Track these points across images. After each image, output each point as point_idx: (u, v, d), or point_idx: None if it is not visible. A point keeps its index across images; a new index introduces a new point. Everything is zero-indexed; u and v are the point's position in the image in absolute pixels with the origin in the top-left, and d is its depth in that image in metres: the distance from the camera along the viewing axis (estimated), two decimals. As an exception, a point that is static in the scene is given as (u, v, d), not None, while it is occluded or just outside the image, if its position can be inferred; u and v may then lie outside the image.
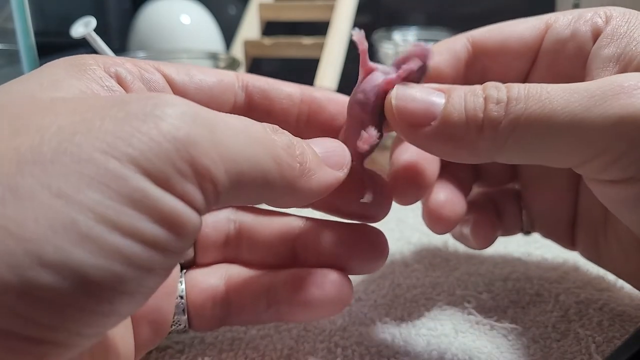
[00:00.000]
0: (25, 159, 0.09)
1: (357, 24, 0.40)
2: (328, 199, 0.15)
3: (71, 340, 0.10)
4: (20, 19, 0.27)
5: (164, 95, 0.11)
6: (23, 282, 0.09)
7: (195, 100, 0.14)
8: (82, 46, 0.45)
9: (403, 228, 0.27)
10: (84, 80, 0.12)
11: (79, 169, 0.09)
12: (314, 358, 0.17)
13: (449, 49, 0.18)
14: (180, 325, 0.16)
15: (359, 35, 0.15)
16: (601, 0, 0.29)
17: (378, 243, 0.17)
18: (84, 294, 0.09)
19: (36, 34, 0.27)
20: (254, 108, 0.17)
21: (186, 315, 0.16)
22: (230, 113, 0.15)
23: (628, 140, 0.12)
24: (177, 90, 0.15)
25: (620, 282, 0.22)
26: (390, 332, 0.19)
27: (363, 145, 0.15)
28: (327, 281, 0.16)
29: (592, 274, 0.22)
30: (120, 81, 0.14)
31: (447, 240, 0.25)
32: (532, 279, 0.22)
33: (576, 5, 0.31)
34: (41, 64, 0.30)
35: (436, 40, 0.39)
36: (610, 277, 0.22)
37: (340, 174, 0.15)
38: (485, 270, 0.23)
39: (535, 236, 0.25)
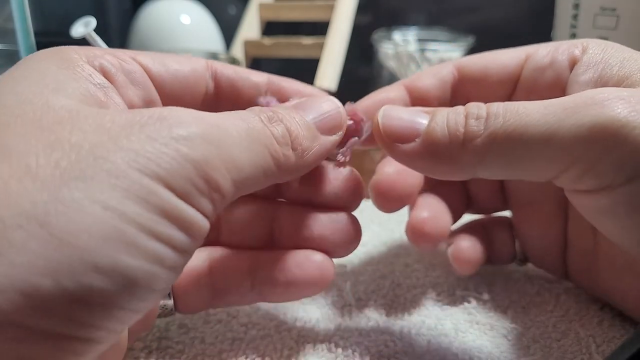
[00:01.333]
0: (68, 174, 0.10)
1: (357, 23, 0.40)
2: (302, 194, 0.17)
3: (107, 337, 0.11)
4: (20, 19, 0.27)
5: (174, 113, 0.12)
6: (79, 288, 0.10)
7: (172, 90, 0.16)
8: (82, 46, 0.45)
9: (403, 228, 0.27)
10: (79, 81, 0.13)
11: (118, 183, 0.10)
12: (314, 358, 0.17)
13: (435, 74, 0.19)
14: (167, 309, 0.17)
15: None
16: (601, 1, 0.29)
17: (352, 228, 0.17)
18: (128, 294, 0.10)
19: (36, 34, 0.27)
20: (222, 96, 0.17)
21: (172, 299, 0.17)
22: (203, 101, 0.16)
23: (600, 147, 0.13)
24: (154, 79, 0.16)
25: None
26: (390, 332, 0.19)
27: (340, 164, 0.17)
28: (309, 262, 0.16)
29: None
30: (105, 74, 0.14)
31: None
32: (533, 279, 0.22)
33: (576, 6, 0.31)
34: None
35: (436, 40, 0.39)
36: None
37: (336, 137, 0.16)
38: (485, 270, 0.23)
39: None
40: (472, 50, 0.39)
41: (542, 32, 0.41)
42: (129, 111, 0.12)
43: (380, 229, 0.26)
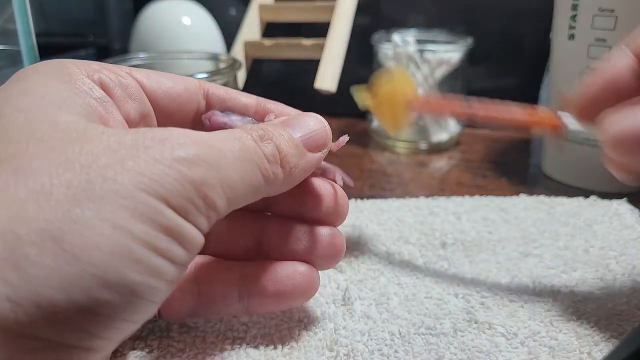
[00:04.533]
0: (80, 194, 0.11)
1: (356, 25, 0.40)
2: (289, 208, 0.18)
3: (107, 347, 0.12)
4: (21, 20, 0.27)
5: (174, 134, 0.12)
6: (89, 301, 0.10)
7: (164, 107, 0.17)
8: (83, 47, 0.46)
9: (402, 228, 0.27)
10: (81, 96, 0.14)
11: (125, 203, 0.11)
12: (314, 357, 0.17)
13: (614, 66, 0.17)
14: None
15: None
16: (599, 2, 0.29)
17: (336, 244, 0.18)
18: (131, 306, 0.11)
19: (37, 35, 0.28)
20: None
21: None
22: (194, 120, 0.17)
23: None
24: (149, 95, 0.16)
25: (619, 282, 0.22)
26: (390, 331, 0.19)
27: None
28: (297, 273, 0.17)
29: (591, 273, 0.22)
30: (104, 88, 0.15)
31: (447, 240, 0.25)
32: (531, 278, 0.22)
33: (574, 7, 0.31)
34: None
35: (435, 42, 0.39)
36: (609, 276, 0.22)
37: (321, 155, 0.16)
38: (484, 269, 0.23)
39: (535, 235, 0.26)
40: (471, 52, 0.39)
41: (540, 33, 0.42)
42: (132, 131, 0.12)
43: (380, 229, 0.27)
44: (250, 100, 0.18)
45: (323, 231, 0.18)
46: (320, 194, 0.18)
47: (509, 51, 0.43)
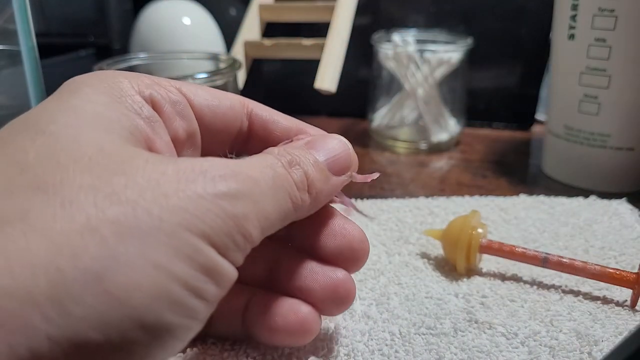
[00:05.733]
0: (125, 231, 0.10)
1: (356, 25, 0.40)
2: (307, 240, 0.17)
3: None
4: (21, 20, 0.27)
5: (214, 165, 0.12)
6: (124, 342, 0.10)
7: (210, 125, 0.16)
8: (83, 47, 0.46)
9: (402, 228, 0.27)
10: (129, 117, 0.13)
11: (168, 242, 0.11)
12: (314, 357, 0.17)
13: None
14: None
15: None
16: (599, 2, 0.29)
17: (343, 289, 0.16)
18: (161, 345, 0.11)
19: (38, 35, 0.28)
20: (253, 136, 0.18)
21: None
22: (235, 139, 0.17)
23: None
24: (196, 113, 0.16)
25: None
26: (390, 331, 0.19)
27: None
28: (292, 312, 0.16)
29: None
30: (154, 105, 0.15)
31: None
32: (532, 278, 0.22)
33: (574, 7, 0.31)
34: (43, 65, 0.30)
35: (435, 42, 0.39)
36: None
37: (345, 178, 0.16)
38: (484, 269, 0.23)
39: (535, 235, 0.26)
40: (471, 52, 0.39)
41: (540, 33, 0.42)
42: (173, 162, 0.12)
43: (379, 229, 0.27)
44: (291, 124, 0.18)
45: (332, 273, 0.16)
46: (339, 232, 0.17)
47: (509, 51, 0.43)
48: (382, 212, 0.28)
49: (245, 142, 0.18)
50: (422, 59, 0.38)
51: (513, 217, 0.28)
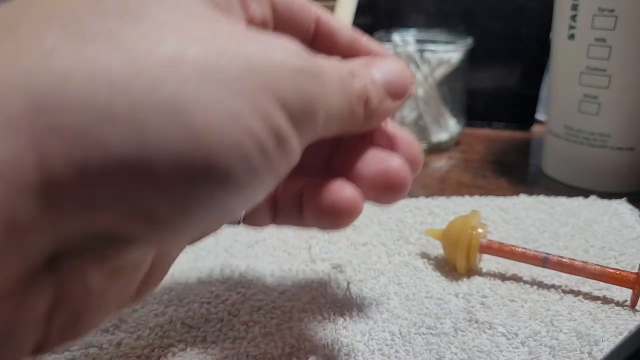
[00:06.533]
0: (207, 75, 0.10)
1: (356, 25, 0.40)
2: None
3: (184, 227, 0.11)
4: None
5: (292, 46, 0.12)
6: (192, 181, 0.10)
7: (282, 17, 0.16)
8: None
9: (402, 228, 0.27)
10: None
11: (247, 97, 0.11)
12: (314, 356, 0.18)
13: None
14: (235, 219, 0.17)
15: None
16: (599, 1, 0.29)
17: (398, 179, 0.16)
18: (224, 192, 0.11)
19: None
20: (317, 41, 0.17)
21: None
22: (302, 39, 0.16)
23: None
24: (272, 2, 0.16)
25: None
26: (391, 331, 0.19)
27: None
28: (338, 192, 0.15)
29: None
30: None
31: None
32: (532, 277, 0.22)
33: (574, 7, 0.31)
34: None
35: (435, 41, 0.39)
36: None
37: (400, 103, 0.16)
38: (484, 269, 0.23)
39: (535, 235, 0.26)
40: (471, 52, 0.39)
41: (540, 33, 0.42)
42: (255, 30, 0.12)
43: (379, 229, 0.27)
44: (356, 36, 0.17)
45: (387, 159, 0.16)
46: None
47: (509, 51, 0.43)
48: (382, 212, 0.28)
49: (309, 47, 0.17)
50: (422, 58, 0.38)
51: (513, 217, 0.28)
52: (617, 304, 0.20)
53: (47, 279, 0.10)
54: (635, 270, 0.21)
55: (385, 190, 0.16)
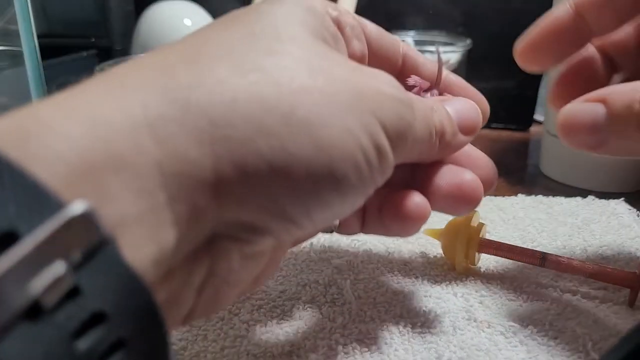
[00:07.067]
0: (330, 98, 0.13)
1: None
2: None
3: (305, 224, 0.13)
4: (23, 21, 0.27)
5: (390, 78, 0.15)
6: (317, 185, 0.12)
7: (376, 53, 0.18)
8: (85, 49, 0.46)
9: (402, 228, 0.27)
10: (320, 29, 0.15)
11: (358, 117, 0.13)
12: (315, 355, 0.18)
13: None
14: (330, 227, 0.18)
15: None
16: None
17: (471, 191, 0.17)
18: (339, 195, 0.13)
19: (39, 35, 0.28)
20: (404, 75, 0.19)
21: (337, 220, 0.18)
22: (393, 71, 0.18)
23: None
24: (367, 39, 0.18)
25: (616, 281, 0.22)
26: (390, 330, 0.19)
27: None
28: (407, 202, 0.17)
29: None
30: (338, 26, 0.16)
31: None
32: (529, 278, 0.22)
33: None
34: (44, 66, 0.31)
35: (434, 43, 0.40)
36: (607, 275, 0.22)
37: (470, 138, 0.18)
38: (483, 268, 0.23)
39: (533, 235, 0.26)
40: (469, 53, 0.40)
41: (539, 34, 0.42)
42: (359, 64, 0.14)
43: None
44: (434, 68, 0.19)
45: (460, 173, 0.17)
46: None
47: (507, 52, 0.43)
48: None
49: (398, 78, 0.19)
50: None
51: (512, 216, 0.28)
52: (615, 303, 0.21)
53: (205, 255, 0.12)
54: (633, 270, 0.21)
55: (459, 201, 0.17)
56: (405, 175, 0.18)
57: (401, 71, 0.19)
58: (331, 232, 0.18)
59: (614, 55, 0.21)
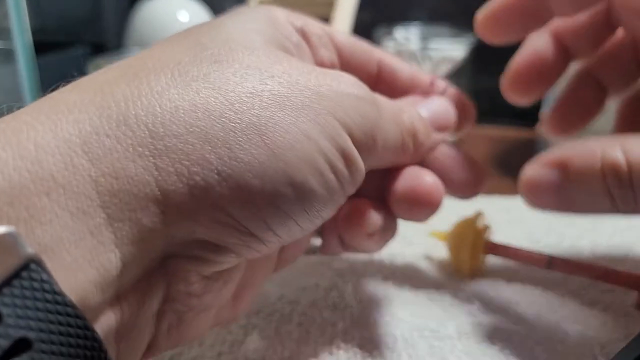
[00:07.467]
0: (283, 102, 0.12)
1: (357, 20, 0.40)
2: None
3: (272, 244, 0.13)
4: (16, 17, 0.27)
5: (353, 79, 0.14)
6: (275, 194, 0.12)
7: (348, 61, 0.18)
8: (78, 44, 0.45)
9: (405, 229, 0.26)
10: (279, 38, 0.15)
11: (316, 120, 0.12)
12: (314, 361, 0.17)
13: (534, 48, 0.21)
14: (313, 247, 0.18)
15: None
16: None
17: (425, 194, 0.17)
18: (303, 210, 0.12)
19: (33, 32, 0.27)
20: (381, 82, 0.19)
21: (321, 239, 0.18)
22: (369, 79, 0.18)
23: None
24: (337, 48, 0.18)
25: (626, 283, 0.21)
26: (392, 334, 0.19)
27: None
28: (356, 210, 0.17)
29: (597, 274, 0.22)
30: (303, 36, 0.16)
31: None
32: (535, 281, 0.22)
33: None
34: (38, 63, 0.30)
35: (438, 37, 0.39)
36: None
37: (445, 136, 0.17)
38: (489, 271, 0.23)
39: (539, 236, 0.25)
40: (475, 48, 0.39)
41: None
42: (320, 67, 0.14)
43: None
44: (414, 73, 0.19)
45: (418, 175, 0.17)
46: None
47: (514, 48, 0.43)
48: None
49: (373, 86, 0.18)
50: (424, 55, 0.38)
51: (518, 217, 0.27)
52: (624, 306, 0.20)
53: (160, 278, 0.12)
54: None
55: (413, 205, 0.17)
56: (376, 182, 0.17)
57: (378, 77, 0.19)
58: (314, 253, 0.18)
59: (570, 43, 0.21)
